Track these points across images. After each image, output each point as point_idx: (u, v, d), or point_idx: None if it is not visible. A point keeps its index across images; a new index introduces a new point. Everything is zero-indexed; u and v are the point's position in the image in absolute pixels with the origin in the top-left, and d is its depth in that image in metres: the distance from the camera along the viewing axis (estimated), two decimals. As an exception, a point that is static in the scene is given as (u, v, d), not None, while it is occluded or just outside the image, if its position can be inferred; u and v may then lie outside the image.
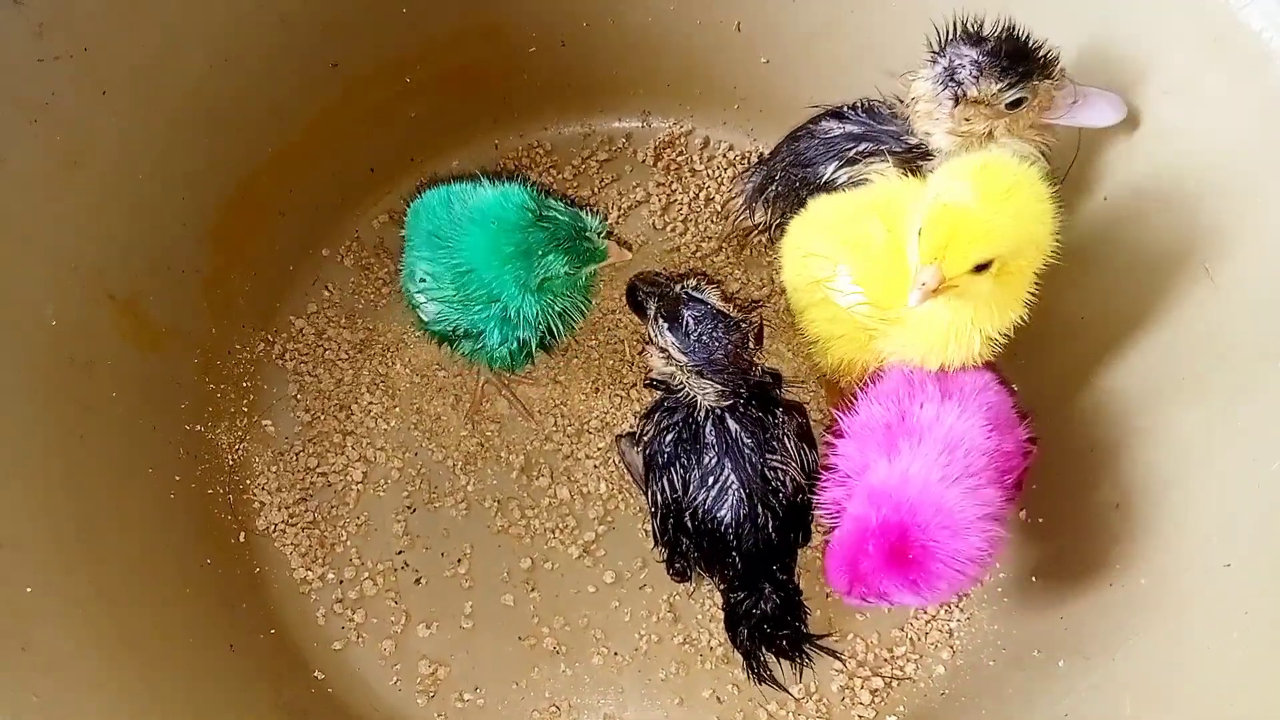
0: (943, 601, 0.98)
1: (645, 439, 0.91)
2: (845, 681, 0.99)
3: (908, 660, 1.00)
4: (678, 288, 0.86)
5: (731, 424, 0.86)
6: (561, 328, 0.93)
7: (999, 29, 0.83)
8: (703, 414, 0.87)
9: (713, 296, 0.85)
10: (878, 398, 0.84)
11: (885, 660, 0.99)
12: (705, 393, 0.86)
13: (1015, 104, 0.83)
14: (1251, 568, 0.74)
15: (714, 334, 0.83)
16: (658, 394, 0.92)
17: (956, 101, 0.83)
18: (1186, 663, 0.75)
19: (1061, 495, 0.96)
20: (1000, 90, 0.82)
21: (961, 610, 1.00)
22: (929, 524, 0.75)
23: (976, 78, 0.82)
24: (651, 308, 0.87)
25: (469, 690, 0.99)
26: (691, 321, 0.83)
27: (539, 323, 0.91)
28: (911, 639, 1.00)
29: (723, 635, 0.98)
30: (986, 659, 0.96)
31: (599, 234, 0.88)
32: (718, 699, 0.99)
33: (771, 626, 0.89)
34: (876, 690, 0.98)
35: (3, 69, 0.80)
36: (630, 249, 0.92)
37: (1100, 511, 0.90)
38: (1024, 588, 0.97)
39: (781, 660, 0.90)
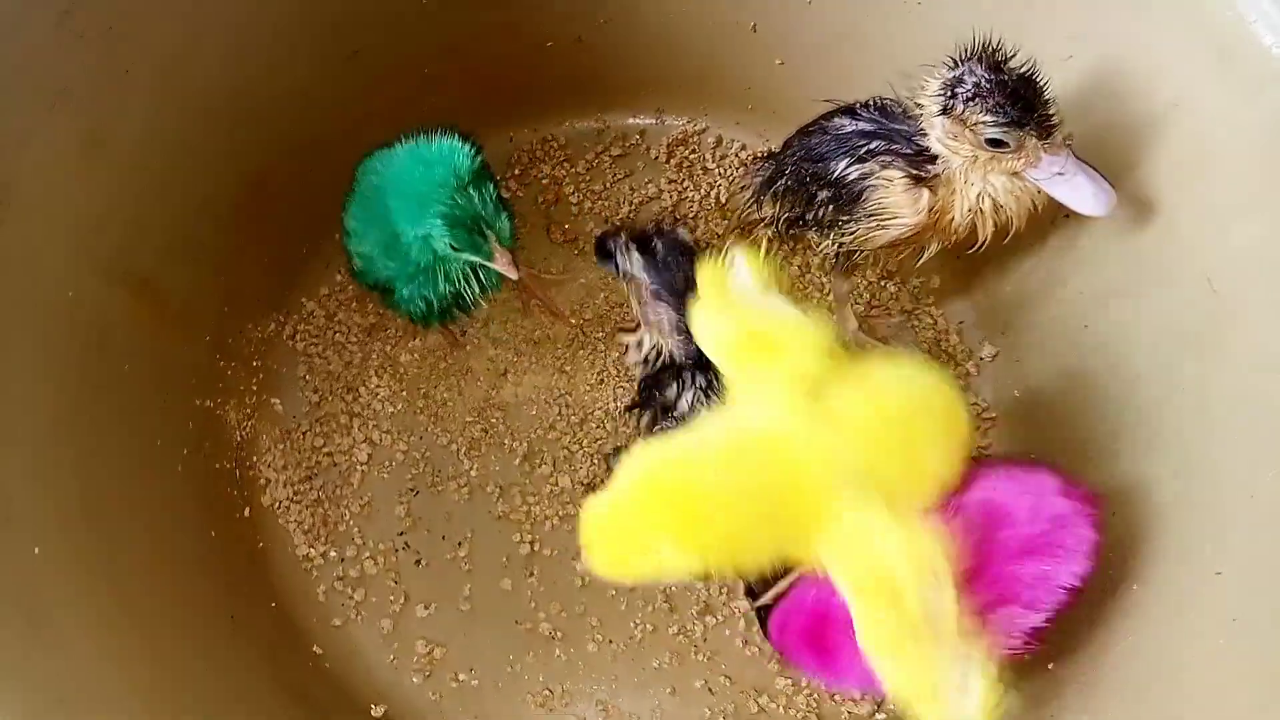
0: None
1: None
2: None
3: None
4: (649, 226, 0.94)
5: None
6: (466, 296, 0.98)
7: (1023, 67, 0.81)
8: (686, 400, 0.89)
9: (684, 233, 0.93)
10: None
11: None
12: (659, 320, 0.90)
13: (994, 143, 0.81)
14: (1242, 575, 0.74)
15: (679, 260, 0.90)
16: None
17: (944, 112, 0.83)
18: (1173, 668, 0.76)
19: (1058, 501, 0.96)
20: (984, 123, 0.80)
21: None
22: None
23: (969, 99, 0.80)
24: (622, 238, 0.94)
25: (464, 671, 1.01)
26: (661, 248, 0.91)
27: (441, 282, 0.96)
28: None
29: (715, 627, 1.00)
30: (977, 660, 0.96)
31: (498, 237, 0.90)
32: (709, 690, 1.00)
33: None
34: (865, 689, 0.99)
35: (29, 48, 0.81)
36: (517, 271, 0.93)
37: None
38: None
39: None
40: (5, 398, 0.79)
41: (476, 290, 0.97)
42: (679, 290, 0.89)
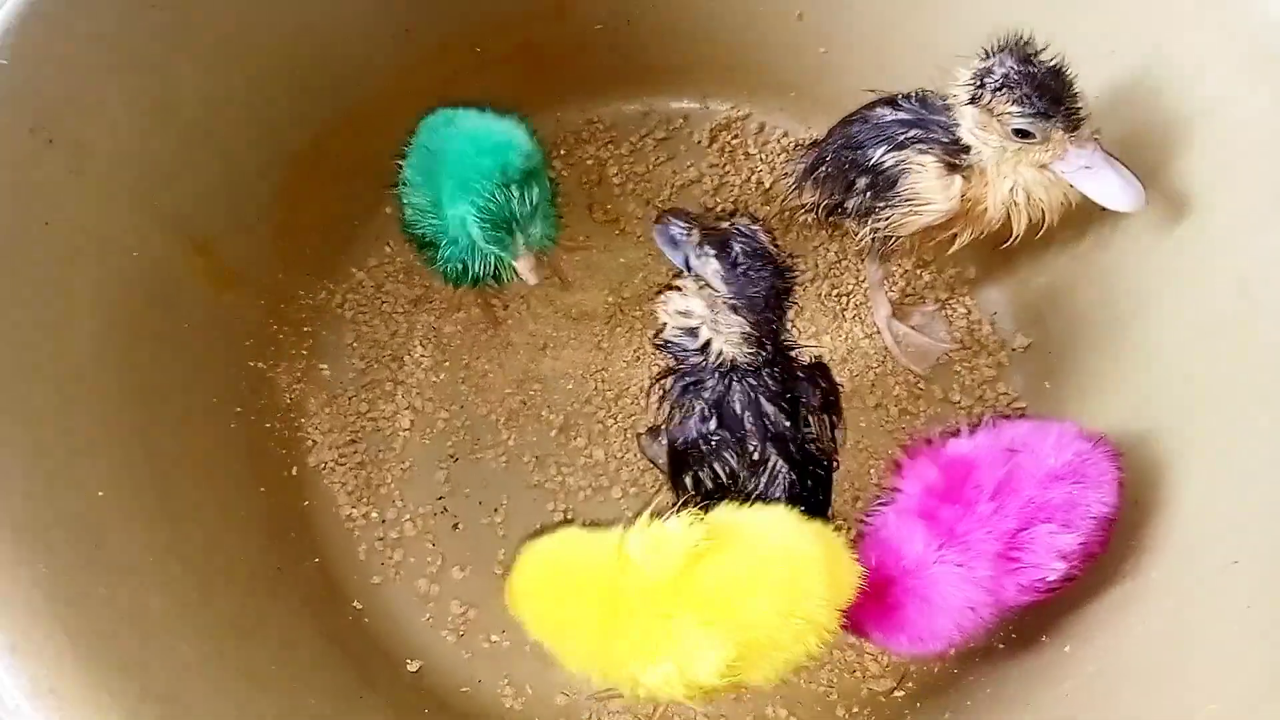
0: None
1: (675, 423, 0.92)
2: (855, 656, 1.02)
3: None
4: (725, 224, 0.83)
5: (768, 407, 0.87)
6: (501, 274, 0.99)
7: (1053, 60, 0.82)
8: (736, 400, 0.87)
9: (763, 236, 0.82)
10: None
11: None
12: (730, 332, 0.83)
13: (1020, 134, 0.83)
14: (1258, 564, 0.75)
15: (761, 272, 0.80)
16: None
17: (973, 101, 0.85)
18: (1186, 653, 0.77)
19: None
20: (1010, 113, 0.82)
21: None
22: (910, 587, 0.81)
23: (997, 89, 0.82)
24: (695, 235, 0.84)
25: (496, 633, 1.04)
26: (740, 253, 0.80)
27: (477, 255, 0.97)
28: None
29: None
30: (996, 642, 0.98)
31: (527, 240, 0.91)
32: (732, 661, 1.02)
33: None
34: (886, 665, 1.01)
35: (105, 15, 0.86)
36: (538, 277, 0.94)
37: (1120, 506, 0.91)
38: (1039, 577, 0.99)
39: None
40: (77, 343, 0.84)
41: (506, 275, 1.00)
42: (760, 306, 0.81)
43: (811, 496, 0.90)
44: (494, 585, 1.06)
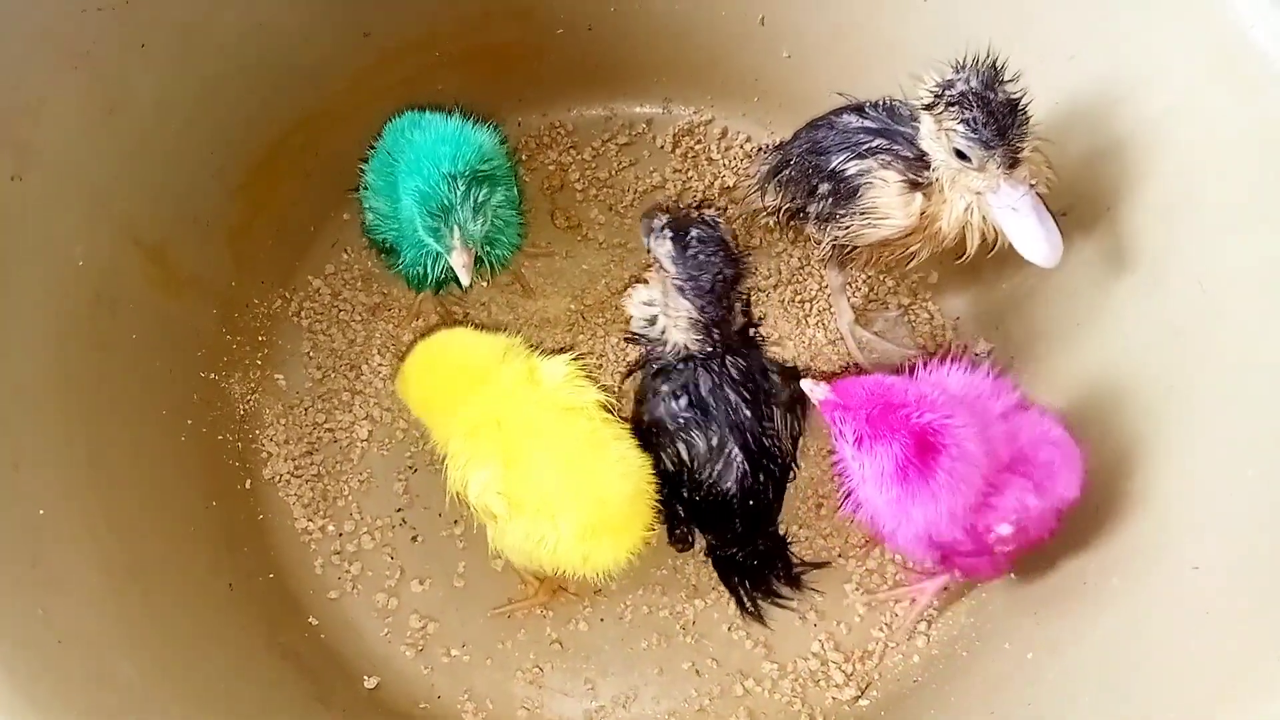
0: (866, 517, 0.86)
1: (646, 401, 0.92)
2: (819, 665, 1.01)
3: (888, 649, 1.01)
4: (695, 213, 0.87)
5: (730, 394, 0.88)
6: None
7: (1017, 95, 0.82)
8: (703, 384, 0.88)
9: (725, 230, 0.85)
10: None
11: (862, 647, 1.02)
12: (678, 316, 0.86)
13: (959, 155, 0.83)
14: (1217, 571, 0.76)
15: (711, 258, 0.84)
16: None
17: (928, 108, 0.84)
18: (1146, 658, 0.77)
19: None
20: (955, 131, 0.82)
21: (937, 609, 1.02)
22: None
23: (951, 104, 0.82)
24: (660, 220, 0.88)
25: (456, 646, 1.02)
26: (695, 240, 0.84)
27: (438, 260, 0.97)
28: (889, 626, 1.02)
29: (703, 611, 1.02)
30: (960, 650, 0.98)
31: (463, 235, 0.89)
32: (696, 672, 1.01)
33: (765, 570, 0.97)
34: (851, 674, 1.00)
35: (49, 15, 0.83)
36: (468, 277, 0.91)
37: (1081, 513, 0.91)
38: (1002, 585, 0.99)
39: (775, 599, 1.00)
40: (19, 354, 0.81)
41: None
42: (706, 290, 0.85)
43: (762, 492, 0.91)
44: (454, 598, 1.04)
